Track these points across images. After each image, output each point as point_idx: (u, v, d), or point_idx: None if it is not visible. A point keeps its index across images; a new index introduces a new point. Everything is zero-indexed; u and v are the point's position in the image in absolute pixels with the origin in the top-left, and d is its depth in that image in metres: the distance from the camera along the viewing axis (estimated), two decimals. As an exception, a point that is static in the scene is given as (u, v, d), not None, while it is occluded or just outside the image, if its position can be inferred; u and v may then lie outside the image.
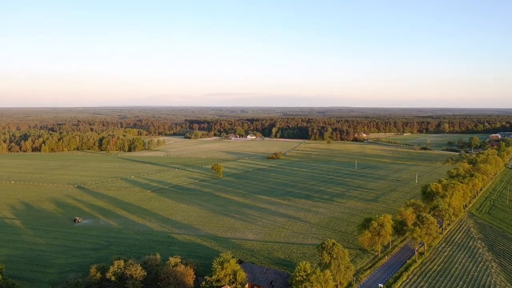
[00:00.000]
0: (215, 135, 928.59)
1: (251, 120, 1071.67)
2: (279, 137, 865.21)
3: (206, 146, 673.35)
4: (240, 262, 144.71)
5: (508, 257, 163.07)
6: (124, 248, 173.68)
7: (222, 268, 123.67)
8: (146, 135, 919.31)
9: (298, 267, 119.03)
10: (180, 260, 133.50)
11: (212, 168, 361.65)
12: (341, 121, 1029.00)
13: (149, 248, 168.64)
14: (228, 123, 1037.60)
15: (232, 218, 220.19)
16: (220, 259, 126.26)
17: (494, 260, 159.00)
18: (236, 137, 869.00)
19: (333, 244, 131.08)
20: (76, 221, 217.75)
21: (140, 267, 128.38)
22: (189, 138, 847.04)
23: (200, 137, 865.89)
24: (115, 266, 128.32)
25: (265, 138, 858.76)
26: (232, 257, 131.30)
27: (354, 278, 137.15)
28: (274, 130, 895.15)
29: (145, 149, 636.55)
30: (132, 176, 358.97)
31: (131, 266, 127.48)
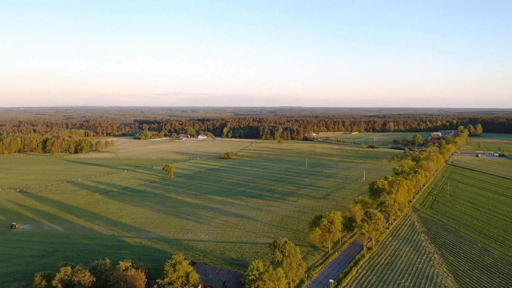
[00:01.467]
0: (165, 135, 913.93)
1: (202, 120, 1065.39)
2: (231, 137, 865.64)
3: (156, 147, 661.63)
4: (192, 263, 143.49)
5: (449, 248, 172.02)
6: (71, 253, 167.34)
7: (175, 270, 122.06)
8: (94, 136, 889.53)
9: (251, 266, 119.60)
10: (130, 264, 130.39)
11: (163, 169, 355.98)
12: (292, 120, 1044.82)
13: (98, 253, 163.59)
14: (179, 123, 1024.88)
15: (184, 219, 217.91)
16: (172, 261, 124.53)
17: (437, 252, 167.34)
18: (187, 137, 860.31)
19: (285, 242, 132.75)
20: (13, 227, 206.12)
21: (89, 273, 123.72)
22: (139, 138, 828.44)
23: (150, 138, 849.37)
24: (61, 273, 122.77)
25: (216, 138, 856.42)
26: (185, 258, 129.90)
27: (306, 275, 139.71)
28: (225, 130, 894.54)
29: (93, 150, 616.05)
30: (79, 179, 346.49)
31: (79, 272, 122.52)
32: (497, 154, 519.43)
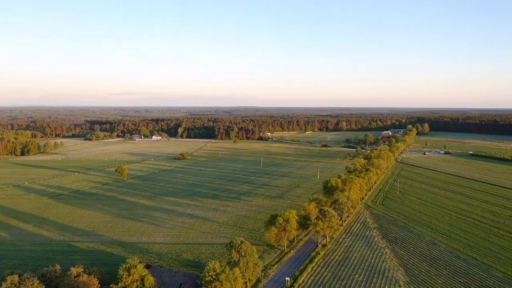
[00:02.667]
0: (118, 136, 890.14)
1: (157, 120, 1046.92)
2: (186, 137, 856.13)
3: (109, 148, 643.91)
4: (148, 266, 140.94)
5: (400, 243, 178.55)
6: (19, 261, 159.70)
7: (129, 275, 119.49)
8: (42, 137, 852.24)
9: (208, 267, 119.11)
10: (82, 269, 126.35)
11: (116, 170, 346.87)
12: (247, 120, 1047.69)
13: (47, 260, 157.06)
14: (132, 124, 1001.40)
15: (139, 222, 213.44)
16: (127, 265, 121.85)
17: (388, 247, 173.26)
18: (141, 137, 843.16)
19: (241, 242, 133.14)
20: None
21: (38, 281, 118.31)
22: (90, 139, 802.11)
23: (102, 139, 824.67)
24: (8, 282, 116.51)
25: (171, 138, 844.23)
26: (140, 262, 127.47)
27: (263, 274, 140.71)
28: (180, 130, 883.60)
29: (41, 152, 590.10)
30: (26, 182, 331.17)
31: (26, 280, 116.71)
32: (442, 152, 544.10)
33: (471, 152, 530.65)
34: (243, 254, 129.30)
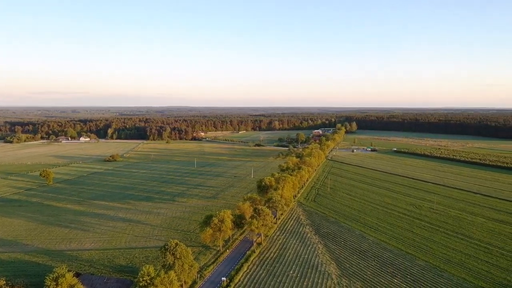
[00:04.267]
0: (42, 138, 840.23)
1: (84, 121, 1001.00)
2: (116, 138, 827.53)
3: (32, 151, 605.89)
4: (77, 275, 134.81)
5: (331, 238, 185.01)
6: None
7: (57, 284, 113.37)
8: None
9: (142, 272, 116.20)
10: (4, 282, 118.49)
11: (40, 174, 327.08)
12: (180, 120, 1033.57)
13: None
14: (58, 125, 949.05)
15: (67, 228, 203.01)
16: (54, 275, 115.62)
17: (320, 242, 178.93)
18: (68, 139, 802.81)
19: (176, 244, 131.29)
20: None
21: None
22: (11, 142, 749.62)
23: (25, 141, 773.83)
24: None
25: (100, 139, 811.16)
26: (68, 270, 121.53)
27: (198, 275, 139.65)
28: (110, 131, 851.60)
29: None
30: None
31: None
32: (369, 149, 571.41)
33: (395, 149, 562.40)
34: (178, 257, 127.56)
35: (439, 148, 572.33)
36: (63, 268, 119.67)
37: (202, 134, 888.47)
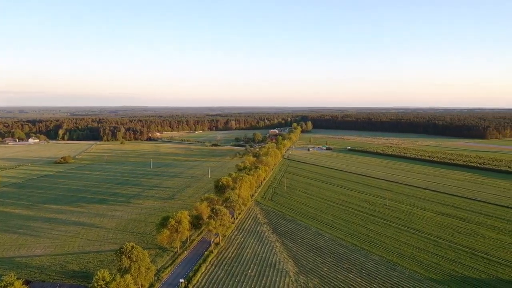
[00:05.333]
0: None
1: (33, 122, 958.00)
2: (67, 139, 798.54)
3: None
4: (27, 282, 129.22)
5: (288, 236, 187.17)
6: None
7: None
8: None
9: (96, 277, 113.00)
10: None
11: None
12: (135, 120, 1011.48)
13: None
14: (4, 126, 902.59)
15: (15, 234, 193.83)
16: (2, 283, 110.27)
17: (278, 241, 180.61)
18: (15, 141, 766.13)
19: (132, 247, 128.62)
20: None
21: None
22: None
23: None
24: None
25: (50, 141, 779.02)
26: (17, 278, 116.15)
27: (156, 278, 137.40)
28: (61, 132, 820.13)
29: None
30: None
31: None
32: (324, 148, 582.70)
33: (349, 148, 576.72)
34: (134, 260, 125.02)
35: (390, 146, 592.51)
36: (11, 276, 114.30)
37: (158, 134, 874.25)
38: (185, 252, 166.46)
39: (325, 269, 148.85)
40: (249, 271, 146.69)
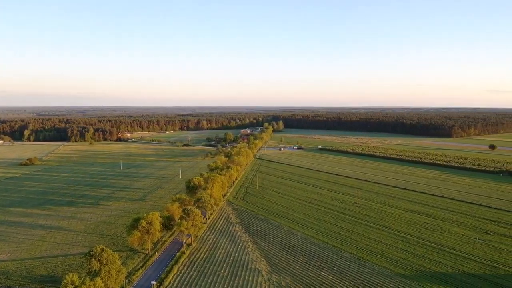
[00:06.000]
0: None
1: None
2: (33, 140, 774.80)
3: None
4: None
5: (261, 235, 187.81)
6: None
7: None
8: None
9: (65, 281, 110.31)
10: None
11: None
12: (104, 121, 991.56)
13: None
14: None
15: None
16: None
17: (250, 240, 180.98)
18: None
19: (102, 249, 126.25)
20: None
21: None
22: None
23: None
24: None
25: (15, 142, 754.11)
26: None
27: (126, 281, 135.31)
28: (26, 132, 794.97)
29: None
30: None
31: None
32: (296, 147, 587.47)
33: (320, 147, 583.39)
34: (104, 262, 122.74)
35: (360, 145, 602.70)
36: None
37: (128, 134, 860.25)
38: (156, 253, 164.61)
39: (297, 267, 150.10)
40: (222, 271, 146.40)
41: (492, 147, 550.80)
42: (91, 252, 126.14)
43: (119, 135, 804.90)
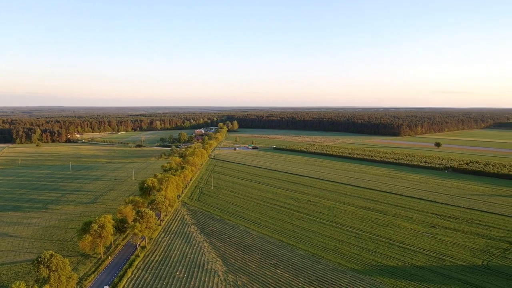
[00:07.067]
0: None
1: None
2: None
3: None
4: None
5: (216, 236, 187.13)
6: None
7: None
8: None
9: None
10: None
11: None
12: (52, 121, 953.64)
13: None
14: None
15: None
16: None
17: (206, 241, 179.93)
18: None
19: (51, 255, 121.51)
20: None
21: None
22: None
23: None
24: None
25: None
26: None
27: (78, 287, 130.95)
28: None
29: None
30: None
31: None
32: (251, 147, 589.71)
33: (274, 146, 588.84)
34: (53, 269, 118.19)
35: (314, 144, 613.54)
36: None
37: (78, 135, 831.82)
38: (109, 257, 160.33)
39: (253, 266, 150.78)
40: (177, 273, 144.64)
41: (438, 144, 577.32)
42: (39, 259, 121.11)
43: (69, 136, 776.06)
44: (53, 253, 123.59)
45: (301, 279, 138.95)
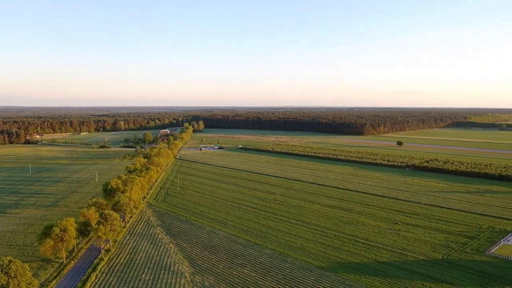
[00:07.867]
0: None
1: None
2: None
3: None
4: None
5: (182, 237, 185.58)
6: None
7: None
8: None
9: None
10: None
11: None
12: (10, 122, 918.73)
13: None
14: None
15: None
16: None
17: (172, 242, 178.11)
18: None
19: (10, 261, 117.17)
20: None
21: None
22: None
23: None
24: None
25: None
26: None
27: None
28: None
29: None
30: None
31: None
32: (217, 147, 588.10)
33: (240, 146, 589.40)
34: (12, 275, 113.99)
35: (279, 144, 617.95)
36: None
37: (38, 137, 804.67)
38: (72, 262, 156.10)
39: (220, 266, 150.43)
40: (143, 276, 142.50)
41: (400, 143, 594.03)
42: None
43: (28, 138, 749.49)
44: (12, 258, 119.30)
45: (268, 278, 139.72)
